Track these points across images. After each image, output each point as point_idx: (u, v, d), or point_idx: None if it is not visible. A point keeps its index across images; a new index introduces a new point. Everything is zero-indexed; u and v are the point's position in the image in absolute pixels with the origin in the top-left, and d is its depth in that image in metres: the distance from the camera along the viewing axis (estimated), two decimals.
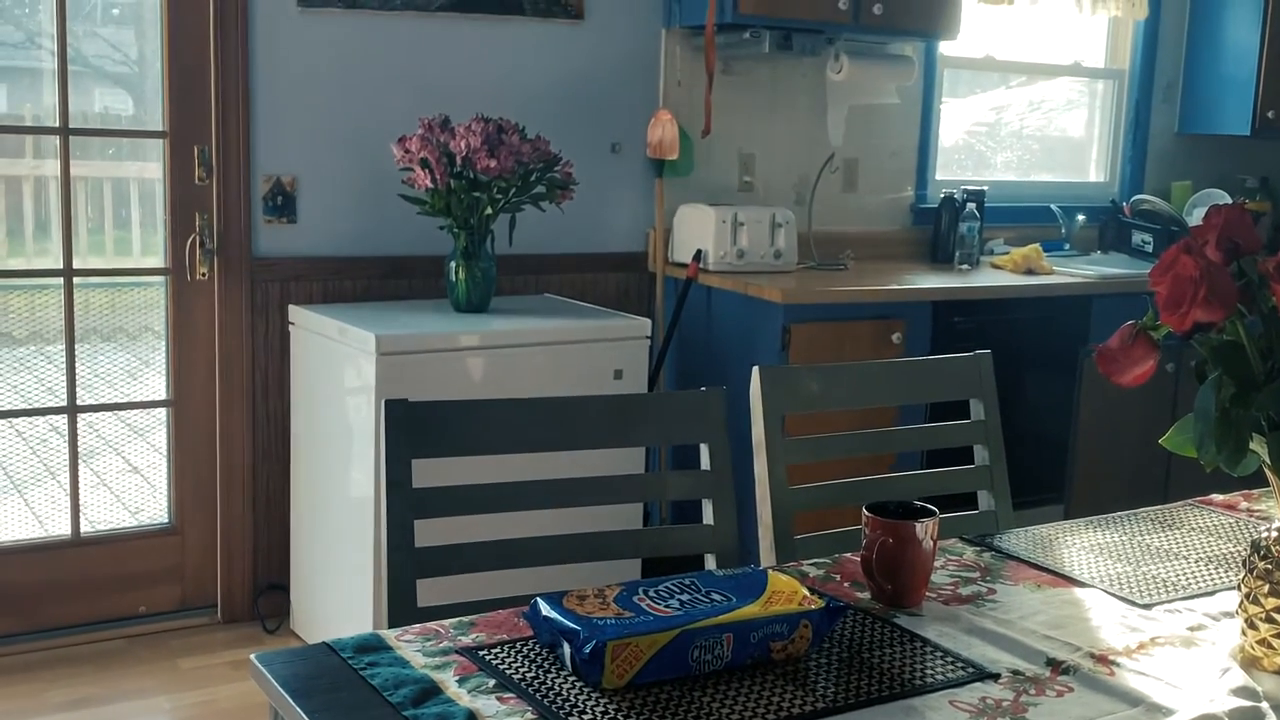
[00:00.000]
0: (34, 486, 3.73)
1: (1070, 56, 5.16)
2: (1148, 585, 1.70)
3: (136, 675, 3.33)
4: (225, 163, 3.49)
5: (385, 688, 1.30)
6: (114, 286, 3.78)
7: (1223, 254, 1.37)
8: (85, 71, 3.49)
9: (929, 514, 1.59)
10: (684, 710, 1.27)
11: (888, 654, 1.44)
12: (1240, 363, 1.36)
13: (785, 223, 3.99)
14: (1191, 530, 1.95)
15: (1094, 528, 1.95)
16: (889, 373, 2.24)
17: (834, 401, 2.13)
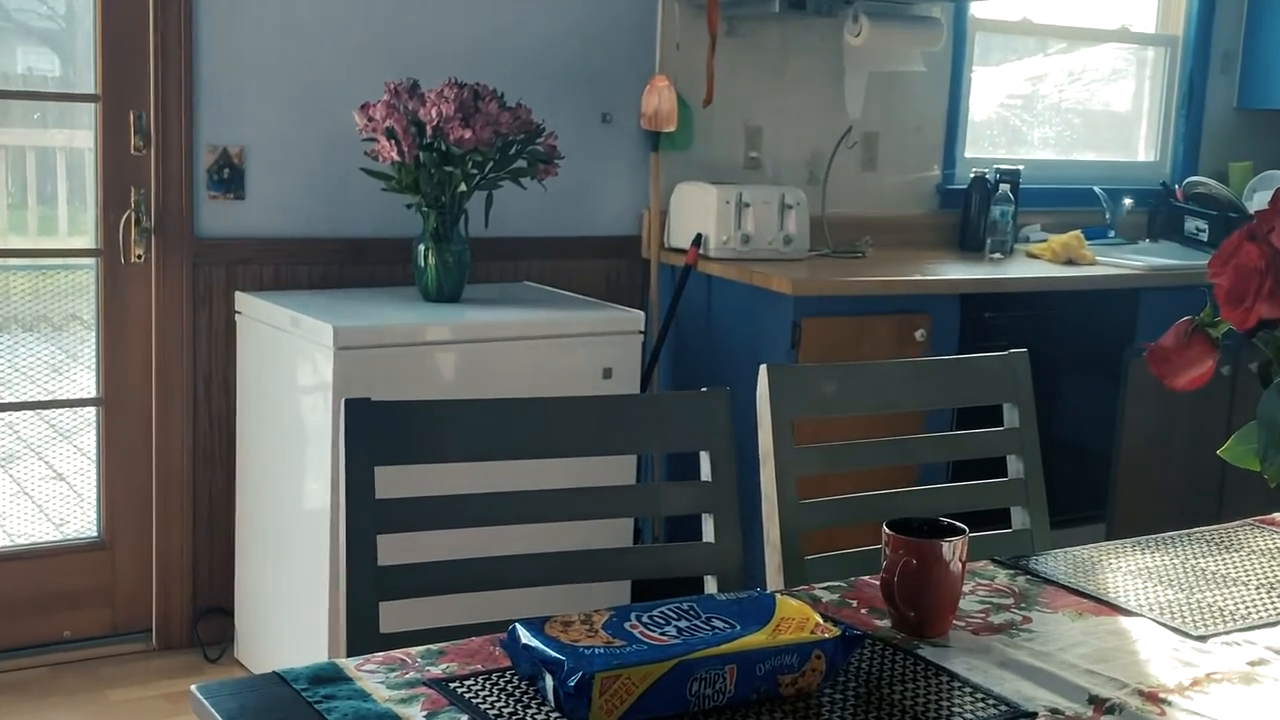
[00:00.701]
0: None
1: (1117, 20, 5.17)
2: (1202, 614, 1.70)
3: (60, 708, 3.33)
4: (165, 131, 3.48)
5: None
6: (38, 270, 3.77)
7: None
8: (6, 27, 3.47)
9: (957, 532, 1.58)
10: None
11: (910, 689, 1.43)
12: None
13: (796, 204, 4.00)
14: (1251, 553, 1.95)
15: (1141, 549, 1.95)
16: (913, 373, 2.23)
17: (850, 405, 2.12)
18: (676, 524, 3.73)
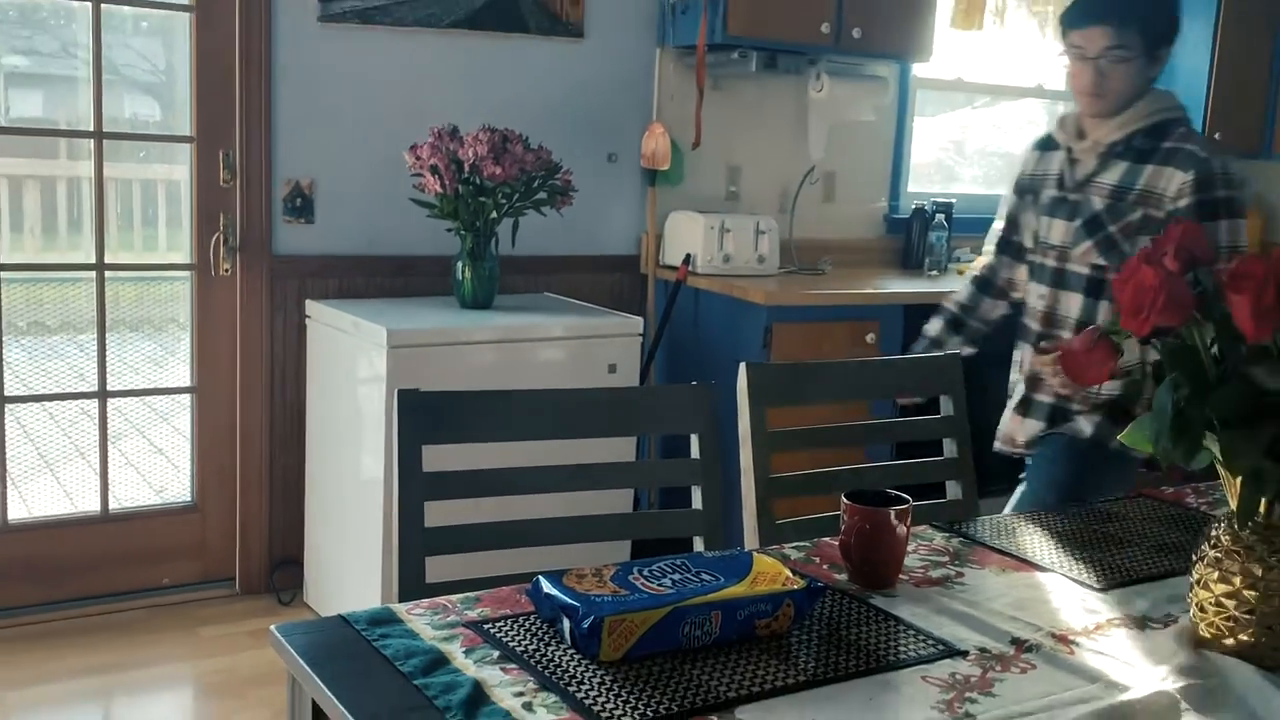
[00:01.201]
0: (64, 466, 3.71)
1: (1032, 80, 5.17)
2: (1103, 570, 1.70)
3: (159, 643, 3.32)
4: (248, 166, 3.47)
5: (396, 658, 1.30)
6: (142, 280, 3.76)
7: (1180, 264, 1.37)
8: (117, 79, 3.47)
9: (903, 502, 1.58)
10: (674, 682, 1.27)
11: (864, 632, 1.43)
12: (1195, 365, 1.36)
13: (768, 230, 3.99)
14: (1143, 520, 1.96)
15: (1053, 517, 1.95)
16: (866, 371, 2.24)
17: (814, 397, 2.13)
18: (669, 494, 3.72)
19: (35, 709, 2.95)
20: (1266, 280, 1.26)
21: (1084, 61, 2.34)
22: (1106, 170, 2.39)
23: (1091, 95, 2.37)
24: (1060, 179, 2.48)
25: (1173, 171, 2.31)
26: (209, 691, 3.10)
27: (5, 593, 3.38)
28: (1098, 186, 2.40)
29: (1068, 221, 2.43)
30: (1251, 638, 1.38)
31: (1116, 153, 2.39)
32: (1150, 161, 2.34)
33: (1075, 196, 2.42)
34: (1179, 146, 2.34)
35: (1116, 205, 2.36)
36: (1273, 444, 1.31)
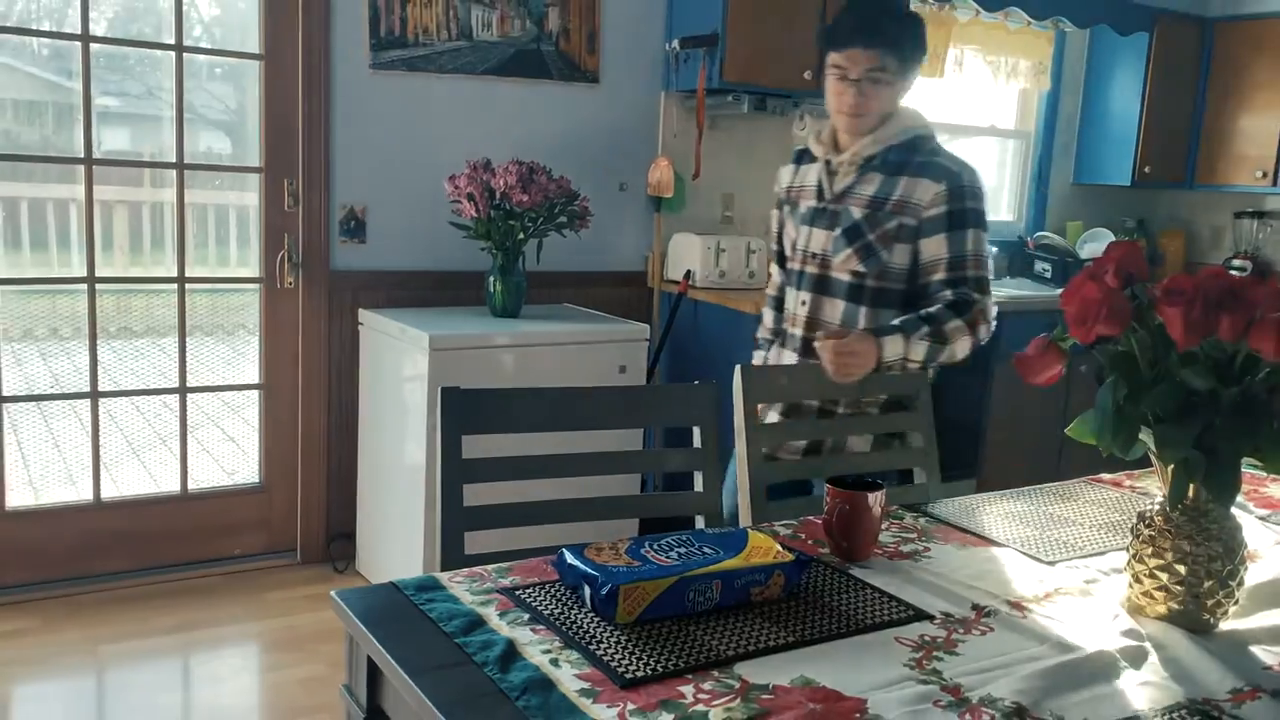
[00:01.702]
0: (149, 452, 3.71)
1: (987, 120, 5.16)
2: (1051, 546, 1.69)
3: (231, 605, 3.32)
4: (309, 193, 3.47)
5: (440, 619, 1.30)
6: (217, 292, 3.76)
7: (1119, 281, 1.37)
8: (194, 118, 3.47)
9: (878, 487, 1.58)
10: (681, 642, 1.27)
11: (845, 599, 1.43)
12: (1133, 369, 1.35)
13: (758, 249, 3.98)
14: (1086, 503, 1.95)
15: (1007, 499, 1.95)
16: None
17: (800, 395, 2.11)
18: (671, 479, 3.72)
19: (127, 660, 2.95)
20: (1195, 297, 1.26)
21: (845, 82, 2.17)
22: (863, 182, 2.24)
23: (852, 115, 2.20)
24: (819, 190, 2.31)
25: (928, 183, 2.18)
26: (273, 646, 3.10)
27: (100, 561, 3.38)
28: (856, 197, 2.24)
29: (828, 230, 2.27)
30: (1181, 605, 1.37)
31: (873, 165, 2.24)
32: (904, 174, 2.21)
33: (834, 207, 2.27)
34: (931, 160, 2.22)
35: (874, 215, 2.21)
36: (1200, 436, 1.31)
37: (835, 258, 2.25)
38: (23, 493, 3.36)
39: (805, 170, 2.38)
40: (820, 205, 2.30)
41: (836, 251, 2.25)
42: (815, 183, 2.32)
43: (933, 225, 2.18)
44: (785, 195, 2.42)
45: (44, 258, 3.57)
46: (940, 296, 2.20)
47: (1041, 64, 4.98)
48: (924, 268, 2.21)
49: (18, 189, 3.40)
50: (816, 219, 2.30)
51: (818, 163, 2.33)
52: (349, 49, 3.44)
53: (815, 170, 2.34)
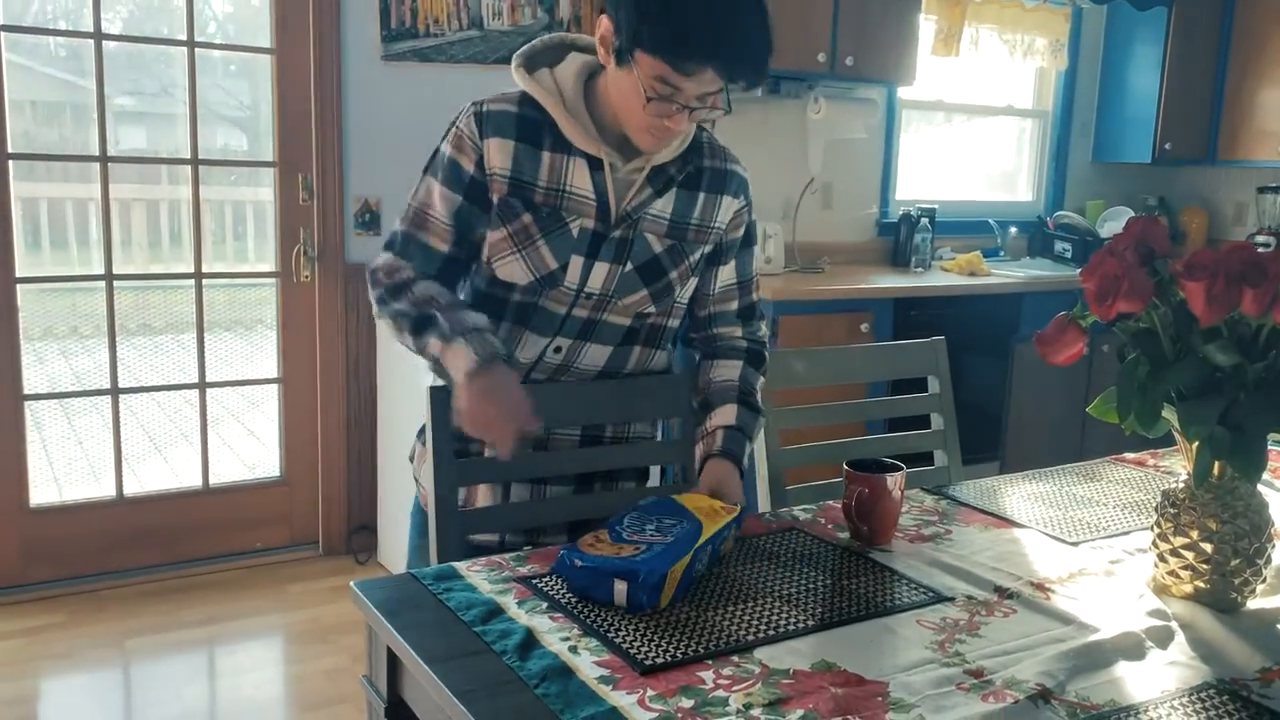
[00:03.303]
0: (171, 447, 3.73)
1: (1004, 100, 5.11)
2: (1075, 526, 1.67)
3: (254, 598, 3.34)
4: (323, 187, 3.48)
5: (459, 609, 1.29)
6: (235, 287, 3.78)
7: (1139, 256, 1.35)
8: (209, 115, 3.48)
9: (898, 469, 1.57)
10: (700, 628, 1.26)
11: (865, 582, 1.42)
12: (1154, 346, 1.33)
13: (773, 235, 3.96)
14: (1109, 482, 1.93)
15: (1029, 480, 1.92)
16: (861, 355, 2.20)
17: (816, 379, 2.10)
18: None
19: (153, 653, 2.97)
20: (1216, 271, 1.23)
21: (671, 103, 1.47)
22: (657, 198, 1.62)
23: (665, 139, 1.55)
24: (600, 206, 1.60)
25: (728, 200, 1.69)
26: (296, 638, 3.11)
27: (124, 557, 3.41)
28: (652, 221, 1.63)
29: (613, 265, 1.62)
30: (1207, 584, 1.35)
31: (666, 175, 1.62)
32: (700, 187, 1.66)
33: (621, 233, 1.62)
34: (727, 167, 1.70)
35: (676, 246, 1.65)
36: (1225, 413, 1.29)
37: (621, 300, 1.65)
38: (46, 490, 3.39)
39: (555, 162, 1.59)
40: (600, 229, 1.61)
41: (625, 293, 1.64)
42: (590, 192, 1.59)
43: (731, 249, 1.74)
44: (506, 183, 1.59)
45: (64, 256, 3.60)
46: (731, 341, 1.79)
47: (1058, 42, 4.92)
48: (715, 297, 1.77)
49: (38, 189, 3.42)
50: (597, 248, 1.61)
51: (576, 156, 1.58)
52: (360, 41, 3.44)
53: (582, 170, 1.59)
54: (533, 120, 1.59)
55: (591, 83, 1.60)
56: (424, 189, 1.66)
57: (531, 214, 1.59)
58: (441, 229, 1.63)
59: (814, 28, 3.80)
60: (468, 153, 1.61)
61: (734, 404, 1.73)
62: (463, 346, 1.51)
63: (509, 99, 1.62)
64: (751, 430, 1.73)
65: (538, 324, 1.66)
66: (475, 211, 1.61)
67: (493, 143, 1.59)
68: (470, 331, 1.53)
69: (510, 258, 1.61)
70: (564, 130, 1.57)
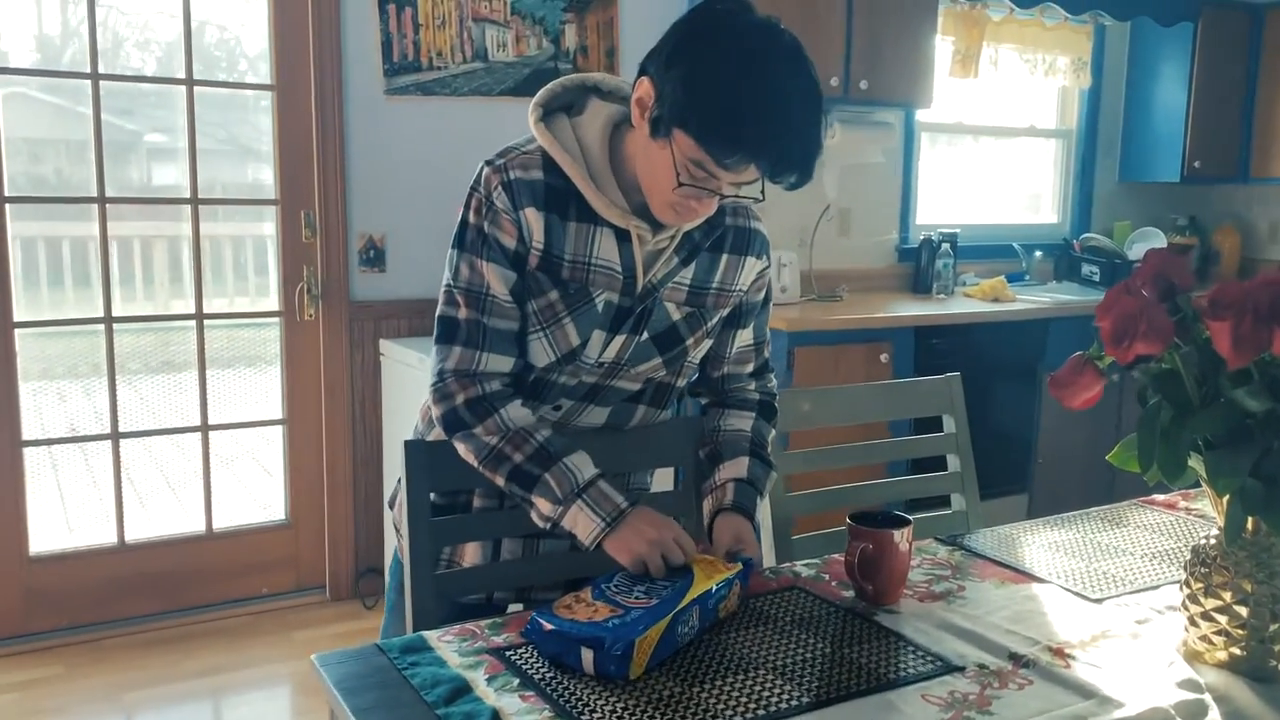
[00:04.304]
0: (173, 491, 3.67)
1: (1026, 120, 5.00)
2: (1099, 580, 1.56)
3: (259, 646, 3.25)
4: (327, 224, 3.42)
5: (423, 687, 1.20)
6: (239, 326, 3.72)
7: (1159, 292, 1.24)
8: (238, 151, 3.44)
9: (904, 523, 1.46)
10: (683, 706, 1.16)
11: (867, 650, 1.31)
12: (1178, 389, 1.22)
13: (788, 263, 3.87)
14: (1137, 528, 1.81)
15: (1051, 526, 1.81)
16: (871, 394, 2.09)
17: (824, 419, 1.99)
18: None
19: (152, 707, 2.89)
20: (1243, 309, 1.12)
21: (703, 189, 1.38)
22: (686, 265, 1.54)
23: (690, 217, 1.45)
24: (626, 279, 1.50)
25: (751, 261, 1.60)
26: (302, 689, 3.02)
27: (125, 605, 3.34)
28: (673, 289, 1.54)
29: (630, 335, 1.53)
30: (1243, 651, 1.24)
31: (694, 243, 1.53)
32: (723, 249, 1.57)
33: (643, 304, 1.52)
34: (750, 226, 1.61)
35: (695, 313, 1.57)
36: (1258, 463, 1.17)
37: (634, 368, 1.57)
38: (45, 538, 3.33)
39: (581, 233, 1.48)
40: (627, 303, 1.51)
41: (638, 362, 1.56)
42: (617, 265, 1.49)
43: (751, 311, 1.66)
44: (539, 257, 1.48)
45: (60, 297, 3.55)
46: (742, 394, 1.72)
47: (1081, 60, 4.81)
48: (731, 359, 1.69)
49: (57, 228, 3.39)
50: (618, 321, 1.51)
51: (603, 227, 1.48)
52: (362, 75, 3.39)
53: (609, 241, 1.48)
54: (558, 189, 1.47)
55: (618, 137, 1.49)
56: (468, 268, 1.50)
57: (559, 290, 1.49)
58: (507, 309, 1.49)
59: (826, 52, 3.71)
60: (507, 228, 1.48)
61: (745, 456, 1.65)
62: (582, 511, 1.43)
63: (531, 162, 1.48)
64: (763, 485, 1.66)
65: (548, 396, 1.57)
66: (524, 287, 1.50)
67: (529, 213, 1.47)
68: (585, 489, 1.44)
69: (534, 337, 1.51)
70: (591, 202, 1.46)
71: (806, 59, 1.37)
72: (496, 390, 1.50)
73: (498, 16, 3.56)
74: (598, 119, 1.49)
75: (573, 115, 1.51)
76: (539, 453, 1.46)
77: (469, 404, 1.49)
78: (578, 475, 1.45)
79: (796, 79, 1.35)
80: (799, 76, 1.35)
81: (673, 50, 1.36)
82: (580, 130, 1.49)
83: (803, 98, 1.35)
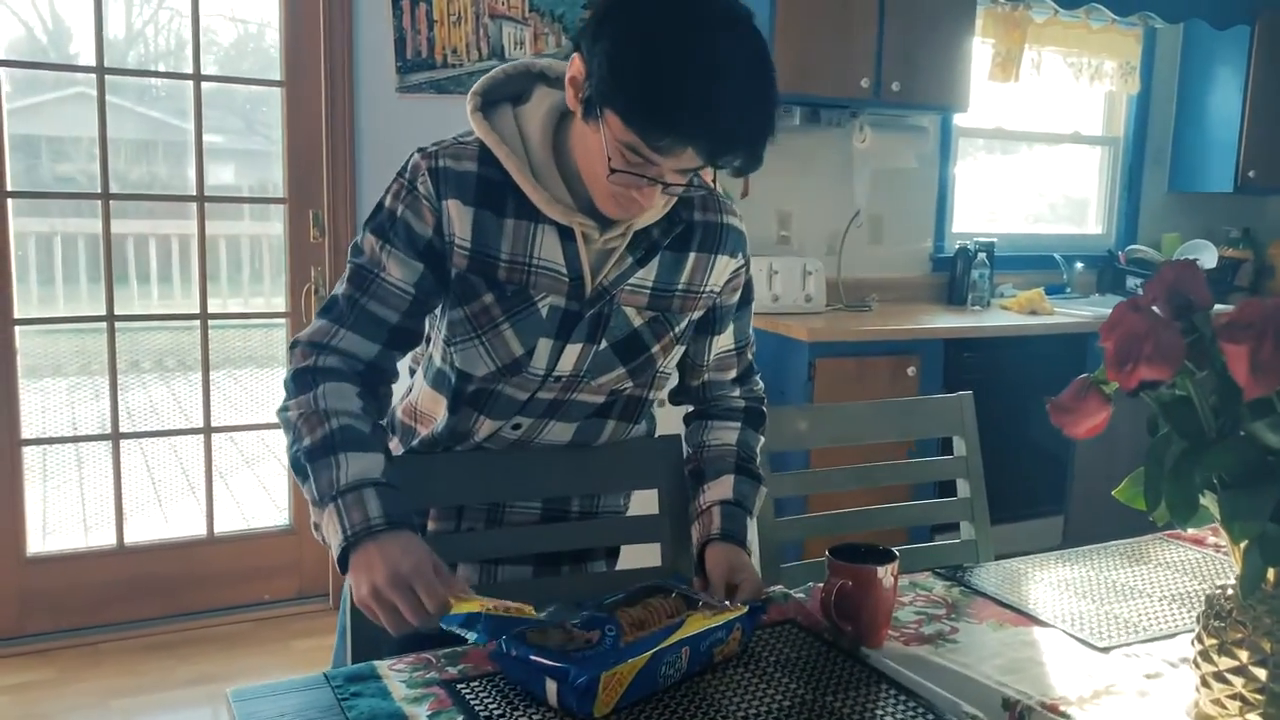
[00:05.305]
0: (175, 494, 3.63)
1: (1071, 126, 4.82)
2: (1108, 625, 1.42)
3: (256, 654, 3.19)
4: (335, 223, 3.35)
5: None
6: (245, 327, 3.67)
7: (1172, 310, 1.11)
8: (209, 152, 3.38)
9: (889, 558, 1.33)
10: None
11: (849, 698, 1.19)
12: (1190, 419, 1.09)
13: (814, 271, 3.74)
14: (1159, 565, 1.66)
15: (1063, 561, 1.66)
16: (874, 412, 1.95)
17: (820, 439, 1.87)
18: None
19: (141, 715, 2.83)
20: (1263, 331, 0.99)
21: (642, 177, 1.25)
22: (638, 265, 1.40)
23: (634, 209, 1.31)
24: (574, 281, 1.38)
25: (724, 259, 1.47)
26: None
27: (123, 608, 3.29)
28: (631, 291, 1.41)
29: (586, 344, 1.41)
30: (1263, 719, 1.10)
31: (652, 241, 1.40)
32: (689, 247, 1.43)
33: (598, 309, 1.40)
34: (722, 221, 1.46)
35: (661, 317, 1.44)
36: (1279, 507, 1.04)
37: (594, 380, 1.45)
38: (43, 538, 3.29)
39: (520, 230, 1.35)
40: (573, 306, 1.39)
41: (599, 373, 1.44)
42: (561, 266, 1.37)
43: (727, 315, 1.53)
44: (467, 256, 1.36)
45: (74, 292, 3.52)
46: (727, 402, 1.60)
47: (1129, 64, 4.63)
48: (710, 366, 1.57)
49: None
50: (569, 329, 1.39)
51: (544, 224, 1.36)
52: (374, 72, 3.32)
53: (552, 239, 1.36)
54: (494, 183, 1.34)
55: (564, 127, 1.35)
56: (370, 248, 1.37)
57: (494, 293, 1.36)
58: (396, 296, 1.36)
59: (856, 52, 3.59)
60: (425, 215, 1.35)
61: (730, 474, 1.53)
62: (333, 520, 1.26)
63: (467, 153, 1.37)
64: (751, 503, 1.53)
65: (496, 410, 1.45)
66: (435, 281, 1.37)
67: (452, 205, 1.34)
68: (344, 493, 1.25)
69: (468, 345, 1.39)
70: (530, 196, 1.33)
71: (749, 24, 1.21)
72: (329, 366, 1.34)
73: (515, 13, 3.48)
74: (541, 107, 1.37)
75: (519, 105, 1.40)
76: (324, 440, 1.28)
77: (296, 374, 1.35)
78: (342, 474, 1.26)
79: (737, 47, 1.18)
80: (741, 44, 1.19)
81: (599, 20, 1.21)
82: (522, 120, 1.37)
83: (746, 68, 1.19)
